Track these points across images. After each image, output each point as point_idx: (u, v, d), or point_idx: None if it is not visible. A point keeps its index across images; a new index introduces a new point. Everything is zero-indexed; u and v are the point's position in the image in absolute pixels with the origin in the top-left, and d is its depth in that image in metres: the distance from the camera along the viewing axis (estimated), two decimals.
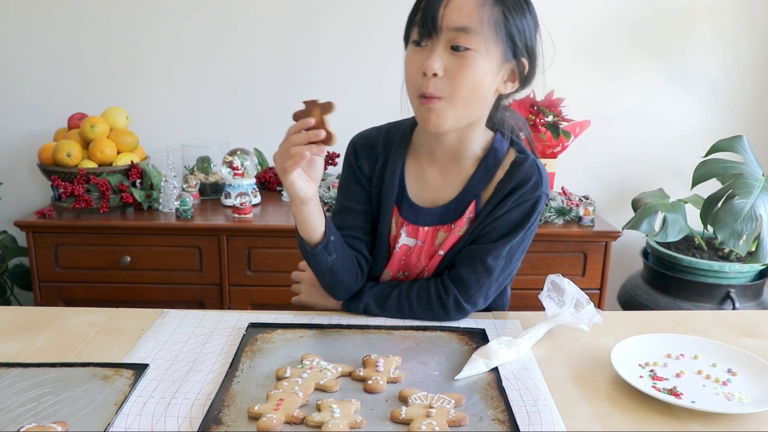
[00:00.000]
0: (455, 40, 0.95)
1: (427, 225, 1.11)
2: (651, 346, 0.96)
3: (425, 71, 0.96)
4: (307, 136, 0.91)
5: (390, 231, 1.13)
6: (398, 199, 1.12)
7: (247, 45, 2.26)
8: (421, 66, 0.96)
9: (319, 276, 1.07)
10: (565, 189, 2.15)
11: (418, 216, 1.11)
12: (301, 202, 0.98)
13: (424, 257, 1.12)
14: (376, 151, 1.14)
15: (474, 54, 0.95)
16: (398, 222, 1.12)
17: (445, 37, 0.95)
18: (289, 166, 0.93)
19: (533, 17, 1.01)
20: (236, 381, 0.86)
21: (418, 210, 1.11)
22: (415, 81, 0.98)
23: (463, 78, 0.96)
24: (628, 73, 2.32)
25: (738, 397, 0.84)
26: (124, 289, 1.96)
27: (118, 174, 2.03)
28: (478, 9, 0.94)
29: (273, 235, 1.92)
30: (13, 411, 0.78)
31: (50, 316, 1.07)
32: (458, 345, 0.98)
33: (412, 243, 1.12)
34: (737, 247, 1.82)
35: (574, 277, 1.93)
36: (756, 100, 2.35)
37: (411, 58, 1.00)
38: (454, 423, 0.77)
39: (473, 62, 0.95)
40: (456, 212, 1.09)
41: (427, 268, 1.13)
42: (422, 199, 1.12)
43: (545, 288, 1.04)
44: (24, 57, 2.24)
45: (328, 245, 1.03)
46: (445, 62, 0.96)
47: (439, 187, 1.11)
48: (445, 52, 0.96)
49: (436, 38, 0.96)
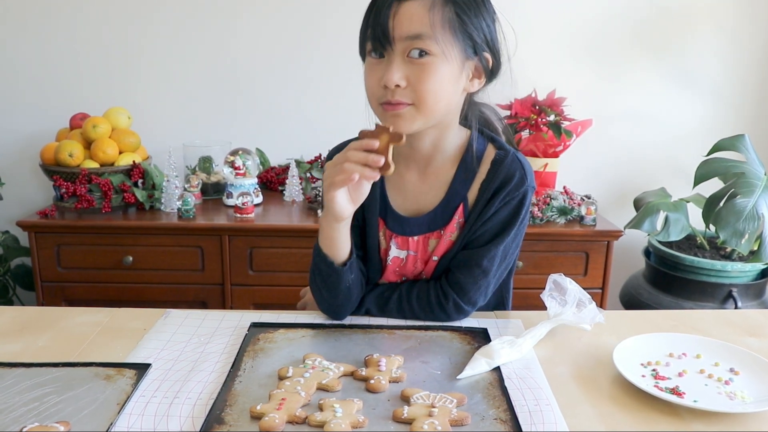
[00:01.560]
0: (411, 48, 0.93)
1: (416, 234, 1.08)
2: (653, 345, 0.96)
3: (386, 84, 0.94)
4: (366, 157, 0.89)
5: (380, 245, 1.11)
6: (382, 212, 1.09)
7: (249, 45, 2.26)
8: (381, 79, 0.95)
9: (333, 294, 1.03)
10: (567, 188, 2.14)
11: (405, 227, 1.08)
12: (336, 220, 0.97)
13: (420, 263, 1.10)
14: None
15: (432, 59, 0.94)
16: (386, 235, 1.10)
17: (400, 47, 0.94)
18: (339, 181, 0.91)
19: (488, 9, 0.99)
20: (238, 381, 0.86)
21: (404, 221, 1.08)
22: (376, 92, 0.97)
23: (426, 84, 0.94)
24: (629, 72, 2.31)
25: (740, 397, 0.84)
26: (127, 289, 1.96)
27: (120, 174, 2.03)
28: (428, 13, 0.93)
29: (275, 234, 1.92)
30: (16, 411, 0.78)
31: (52, 316, 1.07)
32: (460, 344, 0.98)
33: (403, 254, 1.09)
34: (739, 247, 1.82)
35: (576, 276, 1.92)
36: (758, 99, 2.35)
37: (369, 70, 0.98)
38: (456, 422, 0.77)
39: (433, 67, 0.94)
40: (444, 218, 1.07)
41: (425, 272, 1.11)
42: (407, 209, 1.09)
43: (547, 287, 1.04)
44: (26, 57, 2.24)
45: (352, 265, 1.02)
46: (405, 72, 0.94)
47: (421, 193, 1.08)
48: (403, 62, 0.94)
49: (391, 50, 0.94)
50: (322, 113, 2.29)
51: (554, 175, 2.18)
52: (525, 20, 2.20)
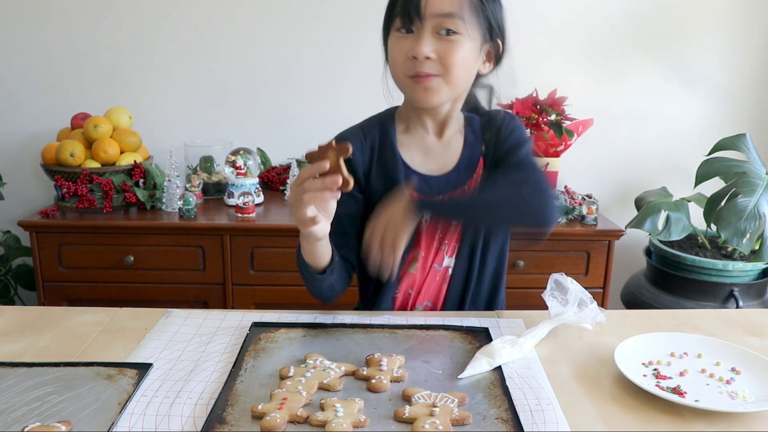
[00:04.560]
0: (442, 26, 0.99)
1: (442, 192, 1.10)
2: (654, 344, 0.96)
3: (416, 56, 0.99)
4: (322, 182, 0.88)
5: None
6: (406, 176, 1.11)
7: (251, 44, 2.26)
8: (410, 51, 1.00)
9: (317, 289, 1.06)
10: (568, 188, 2.14)
11: (432, 186, 1.10)
12: (316, 240, 0.97)
13: (441, 227, 1.12)
14: (360, 144, 1.12)
15: (459, 37, 1.00)
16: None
17: (431, 24, 0.99)
18: (302, 216, 0.90)
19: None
20: (240, 380, 0.86)
21: (430, 179, 1.11)
22: (403, 65, 1.02)
23: (454, 59, 1.00)
24: (630, 71, 2.31)
25: (742, 396, 0.84)
26: (128, 289, 1.96)
27: (121, 174, 2.03)
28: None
29: (276, 234, 1.92)
30: (17, 410, 0.78)
31: (54, 316, 1.07)
32: (462, 344, 0.98)
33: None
34: (740, 246, 1.82)
35: (577, 275, 1.92)
36: (759, 98, 2.34)
37: (397, 44, 1.03)
38: (458, 422, 0.77)
39: (460, 45, 1.00)
40: (467, 173, 1.11)
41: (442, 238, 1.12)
42: (430, 168, 1.12)
43: (548, 287, 1.04)
44: (27, 57, 2.24)
45: (333, 269, 1.04)
46: (434, 46, 0.99)
47: (441, 153, 1.13)
48: (433, 37, 1.00)
49: (421, 25, 0.99)
50: (323, 113, 2.29)
51: (555, 174, 2.18)
52: (526, 20, 2.19)
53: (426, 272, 1.15)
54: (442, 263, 1.14)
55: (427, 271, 1.14)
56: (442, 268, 1.14)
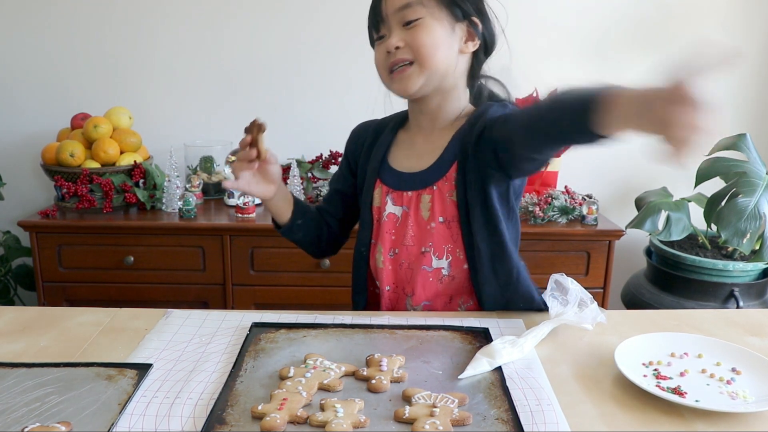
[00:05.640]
0: (404, 18, 1.05)
1: (411, 189, 1.14)
2: (655, 345, 0.96)
3: (388, 49, 1.07)
4: (243, 154, 1.12)
5: (372, 202, 1.19)
6: (380, 170, 1.18)
7: (250, 44, 2.26)
8: (384, 49, 1.08)
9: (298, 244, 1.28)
10: (568, 188, 2.14)
11: (400, 182, 1.15)
12: (264, 200, 1.18)
13: (413, 225, 1.13)
14: (365, 134, 1.24)
15: (422, 20, 1.05)
16: (382, 192, 1.17)
17: (395, 20, 1.06)
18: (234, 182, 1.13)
19: None
20: (240, 381, 0.86)
21: (399, 175, 1.16)
22: (383, 63, 1.09)
23: (421, 41, 1.05)
24: (630, 71, 2.31)
25: (742, 396, 0.84)
26: (128, 289, 1.96)
27: (121, 174, 2.03)
28: None
29: (276, 234, 1.89)
30: (17, 411, 0.78)
31: (54, 316, 1.07)
32: (462, 344, 0.98)
33: (398, 211, 1.15)
34: (741, 246, 1.82)
35: (577, 276, 1.92)
36: (759, 98, 2.34)
37: (377, 50, 1.11)
38: (458, 422, 0.76)
39: (425, 27, 1.05)
40: (437, 173, 1.12)
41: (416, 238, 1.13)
42: (404, 166, 1.17)
43: (549, 287, 1.04)
44: (26, 57, 2.24)
45: (292, 228, 1.22)
46: (401, 36, 1.06)
47: (423, 153, 1.15)
48: (400, 30, 1.06)
49: (388, 26, 1.07)
50: (323, 113, 2.29)
51: (555, 174, 2.18)
52: (526, 20, 2.20)
53: (412, 271, 1.15)
54: (432, 264, 1.14)
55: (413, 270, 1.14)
56: (432, 270, 1.14)
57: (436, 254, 1.13)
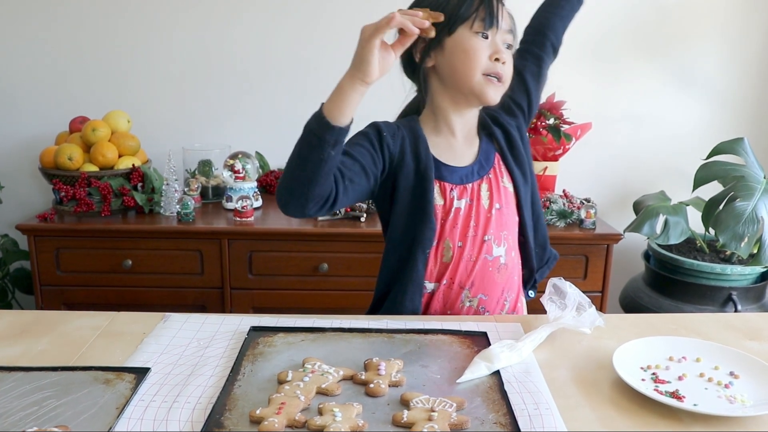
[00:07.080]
0: (506, 40, 1.14)
1: (470, 182, 1.19)
2: (653, 348, 0.96)
3: (497, 57, 1.12)
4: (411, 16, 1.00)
5: (435, 205, 1.18)
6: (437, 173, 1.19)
7: (249, 48, 2.26)
8: (495, 54, 1.12)
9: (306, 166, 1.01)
10: (566, 192, 2.14)
11: (461, 177, 1.20)
12: (362, 80, 1.03)
13: (475, 216, 1.18)
14: (401, 133, 1.19)
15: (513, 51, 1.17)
16: (442, 189, 1.18)
17: (500, 36, 1.13)
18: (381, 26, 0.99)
19: None
20: (238, 385, 0.86)
21: (457, 170, 1.20)
22: (484, 64, 1.13)
23: (511, 67, 1.16)
24: (629, 75, 2.32)
25: (740, 400, 0.84)
26: (126, 293, 1.96)
27: (119, 177, 2.03)
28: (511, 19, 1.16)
29: (274, 238, 1.92)
30: (15, 415, 0.78)
31: (52, 320, 1.07)
32: (460, 348, 0.98)
33: (463, 204, 1.18)
34: (739, 250, 1.82)
35: (575, 280, 1.93)
36: (757, 102, 2.35)
37: (479, 44, 1.13)
38: (456, 426, 0.76)
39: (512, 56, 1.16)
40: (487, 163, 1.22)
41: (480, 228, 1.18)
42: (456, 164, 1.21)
43: (547, 291, 1.04)
44: (25, 60, 2.24)
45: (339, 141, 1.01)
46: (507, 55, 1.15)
47: (465, 151, 1.22)
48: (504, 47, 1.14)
49: (495, 33, 1.13)
50: None
51: (554, 178, 2.19)
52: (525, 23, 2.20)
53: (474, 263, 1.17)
54: (492, 253, 1.18)
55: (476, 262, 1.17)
56: (492, 258, 1.18)
57: (496, 242, 1.18)
